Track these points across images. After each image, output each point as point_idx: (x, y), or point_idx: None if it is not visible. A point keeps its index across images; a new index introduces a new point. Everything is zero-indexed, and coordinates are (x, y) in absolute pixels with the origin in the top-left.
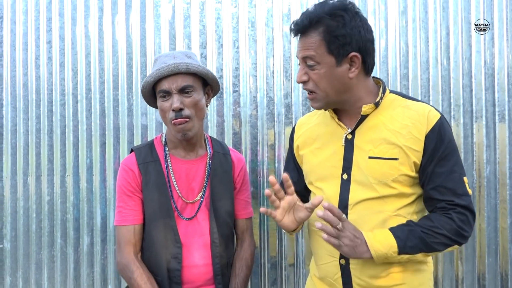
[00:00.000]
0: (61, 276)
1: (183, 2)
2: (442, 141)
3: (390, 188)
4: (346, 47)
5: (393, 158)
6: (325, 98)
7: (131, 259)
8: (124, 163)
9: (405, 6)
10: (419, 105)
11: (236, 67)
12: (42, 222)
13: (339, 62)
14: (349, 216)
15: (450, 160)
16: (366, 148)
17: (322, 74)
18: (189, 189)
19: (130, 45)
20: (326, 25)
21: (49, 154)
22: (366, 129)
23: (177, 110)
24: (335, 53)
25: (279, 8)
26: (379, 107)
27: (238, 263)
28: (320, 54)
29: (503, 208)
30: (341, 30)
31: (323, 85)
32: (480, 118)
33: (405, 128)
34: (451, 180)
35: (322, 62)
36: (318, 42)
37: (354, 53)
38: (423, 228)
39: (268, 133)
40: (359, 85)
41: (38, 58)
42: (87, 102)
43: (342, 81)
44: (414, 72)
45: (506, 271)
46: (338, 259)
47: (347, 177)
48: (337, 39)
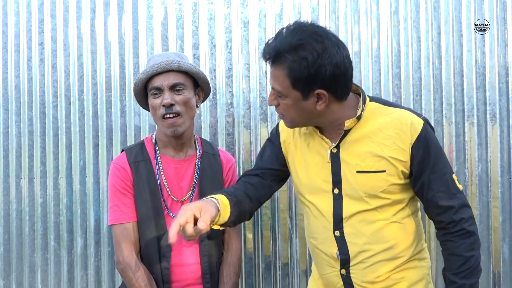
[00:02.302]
0: (55, 279)
1: (175, 3)
2: (429, 149)
3: (382, 199)
4: (311, 85)
5: (380, 171)
6: (294, 123)
7: (132, 259)
8: (116, 162)
9: (396, 6)
10: (401, 112)
11: (229, 67)
12: (35, 224)
13: (305, 97)
14: (345, 229)
15: (440, 164)
16: (353, 163)
17: (289, 105)
18: (178, 188)
19: (122, 46)
20: (288, 65)
21: (41, 156)
22: (351, 142)
23: (167, 105)
24: (300, 90)
25: (272, 8)
26: (361, 119)
27: (226, 270)
28: (286, 88)
29: (494, 207)
30: (304, 72)
31: (291, 114)
32: (471, 116)
33: (389, 139)
34: (445, 183)
35: (288, 95)
36: (283, 77)
37: (319, 90)
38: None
39: (261, 133)
40: (331, 112)
41: (30, 60)
42: (79, 104)
43: (310, 112)
44: (406, 72)
45: (498, 270)
46: (338, 269)
47: (338, 191)
48: (300, 79)
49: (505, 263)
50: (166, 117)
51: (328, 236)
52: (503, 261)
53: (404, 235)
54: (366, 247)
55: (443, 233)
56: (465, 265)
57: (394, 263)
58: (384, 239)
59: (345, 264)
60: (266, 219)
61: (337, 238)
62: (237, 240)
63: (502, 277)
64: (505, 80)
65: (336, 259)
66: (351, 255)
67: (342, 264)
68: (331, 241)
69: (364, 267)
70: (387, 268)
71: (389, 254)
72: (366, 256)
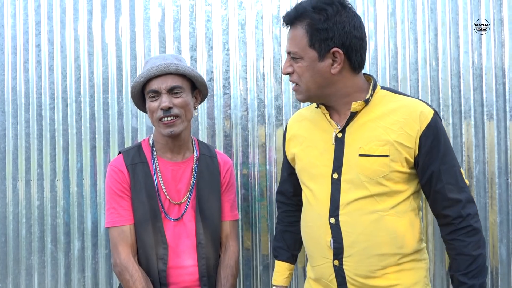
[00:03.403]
0: (52, 282)
1: (172, 4)
2: (439, 138)
3: (382, 186)
4: (328, 41)
5: (384, 155)
6: (307, 91)
7: (130, 262)
8: (113, 165)
9: (393, 7)
10: (411, 100)
11: (226, 69)
12: (32, 227)
13: (321, 57)
14: (341, 217)
15: (449, 155)
16: (356, 146)
17: (304, 68)
18: (175, 190)
19: (119, 48)
20: (310, 18)
21: (38, 159)
22: (357, 127)
23: (165, 109)
24: (317, 48)
25: (269, 10)
26: (369, 104)
27: (223, 272)
28: (303, 48)
29: (492, 208)
30: (323, 24)
31: (305, 79)
32: (468, 118)
33: (396, 123)
34: (454, 175)
35: (304, 56)
36: (301, 35)
37: (336, 48)
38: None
39: (259, 135)
40: (344, 81)
41: (27, 62)
42: (76, 106)
43: (324, 76)
44: (403, 73)
45: (496, 270)
46: (331, 260)
47: (337, 176)
48: (319, 33)
49: (502, 264)
50: (163, 120)
51: (323, 223)
52: (500, 262)
53: (403, 230)
54: (361, 238)
55: (449, 230)
56: (473, 264)
57: (389, 259)
58: (380, 232)
59: (339, 254)
60: (263, 221)
61: (332, 225)
62: (235, 242)
63: (500, 278)
64: (502, 81)
65: (329, 248)
66: (345, 245)
67: (335, 254)
68: (326, 229)
69: (358, 259)
70: (383, 263)
71: (385, 249)
72: (361, 248)
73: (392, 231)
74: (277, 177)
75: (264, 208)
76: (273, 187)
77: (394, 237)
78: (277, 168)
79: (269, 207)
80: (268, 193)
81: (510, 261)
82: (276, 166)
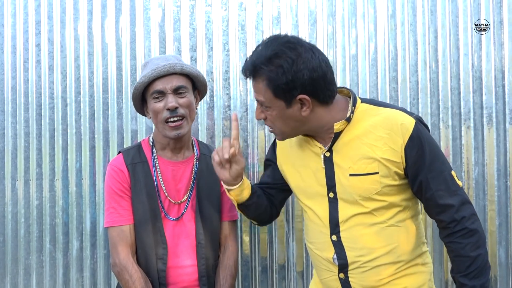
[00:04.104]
0: (50, 282)
1: (173, 5)
2: (423, 148)
3: (377, 201)
4: (291, 92)
5: (373, 173)
6: (283, 134)
7: (129, 262)
8: (113, 164)
9: (393, 9)
10: (391, 112)
11: (226, 70)
12: (31, 227)
13: (289, 105)
14: (342, 234)
15: (436, 162)
16: (345, 166)
17: (275, 115)
18: (175, 190)
19: (119, 48)
20: (267, 75)
21: (37, 158)
22: (342, 145)
23: (172, 109)
24: (282, 98)
25: (269, 11)
26: (351, 121)
27: (222, 272)
28: (269, 99)
29: (491, 210)
30: (281, 79)
31: (279, 124)
32: (468, 120)
33: (380, 140)
34: (443, 181)
35: (272, 105)
36: (264, 89)
37: (301, 95)
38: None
39: (258, 135)
40: (318, 117)
41: (26, 61)
42: (76, 106)
43: (296, 119)
44: (403, 75)
45: (495, 273)
46: (337, 273)
47: (333, 195)
48: (280, 87)
49: (501, 266)
50: (169, 121)
51: (325, 241)
52: (499, 265)
53: (404, 238)
54: (364, 251)
55: (446, 233)
56: (473, 265)
57: (393, 267)
58: (382, 243)
59: (343, 268)
60: None
61: (334, 242)
62: (234, 242)
63: (499, 281)
64: (501, 83)
65: (333, 263)
66: (349, 260)
67: (340, 268)
68: (328, 246)
69: (363, 271)
70: (387, 272)
71: (388, 259)
72: (364, 261)
73: (394, 241)
74: None
75: None
76: None
77: (397, 246)
78: None
79: None
80: None
81: (508, 264)
82: None
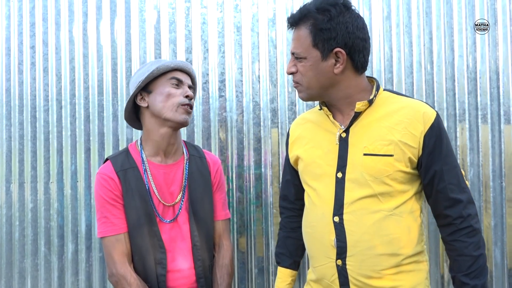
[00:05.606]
0: (45, 285)
1: (168, 7)
2: (442, 139)
3: (385, 185)
4: (330, 41)
5: (388, 155)
6: (310, 89)
7: (127, 270)
8: (102, 172)
9: (389, 11)
10: (414, 102)
11: (222, 72)
12: (26, 230)
13: (324, 57)
14: (345, 216)
15: (451, 156)
16: (360, 146)
17: (308, 67)
18: (168, 193)
19: (115, 50)
20: (313, 18)
21: (32, 161)
22: (361, 127)
23: (191, 97)
24: (320, 48)
25: (264, 13)
26: (373, 105)
27: (219, 272)
28: (306, 47)
29: (487, 210)
30: (326, 24)
31: (308, 78)
32: (463, 121)
33: (400, 123)
34: (456, 176)
35: (308, 56)
36: (305, 35)
37: (338, 48)
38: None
39: (254, 138)
40: (346, 81)
41: (21, 64)
42: (71, 108)
43: (327, 75)
44: (398, 77)
45: (491, 273)
46: (334, 260)
47: (341, 175)
48: (322, 33)
49: (497, 267)
50: (185, 104)
51: (327, 223)
52: (495, 265)
53: (405, 231)
54: (365, 237)
55: (450, 231)
56: (474, 264)
57: (392, 260)
58: (383, 232)
59: (342, 254)
60: (258, 224)
61: (335, 224)
62: (228, 241)
63: (494, 281)
64: (496, 85)
65: (333, 247)
66: (348, 244)
67: (338, 253)
68: (329, 228)
69: (361, 259)
70: (385, 264)
71: (388, 249)
72: (364, 247)
73: (395, 231)
74: (272, 180)
75: (259, 211)
76: (268, 190)
77: (398, 237)
78: (272, 171)
79: (264, 210)
80: (263, 196)
81: (504, 264)
82: (271, 169)
